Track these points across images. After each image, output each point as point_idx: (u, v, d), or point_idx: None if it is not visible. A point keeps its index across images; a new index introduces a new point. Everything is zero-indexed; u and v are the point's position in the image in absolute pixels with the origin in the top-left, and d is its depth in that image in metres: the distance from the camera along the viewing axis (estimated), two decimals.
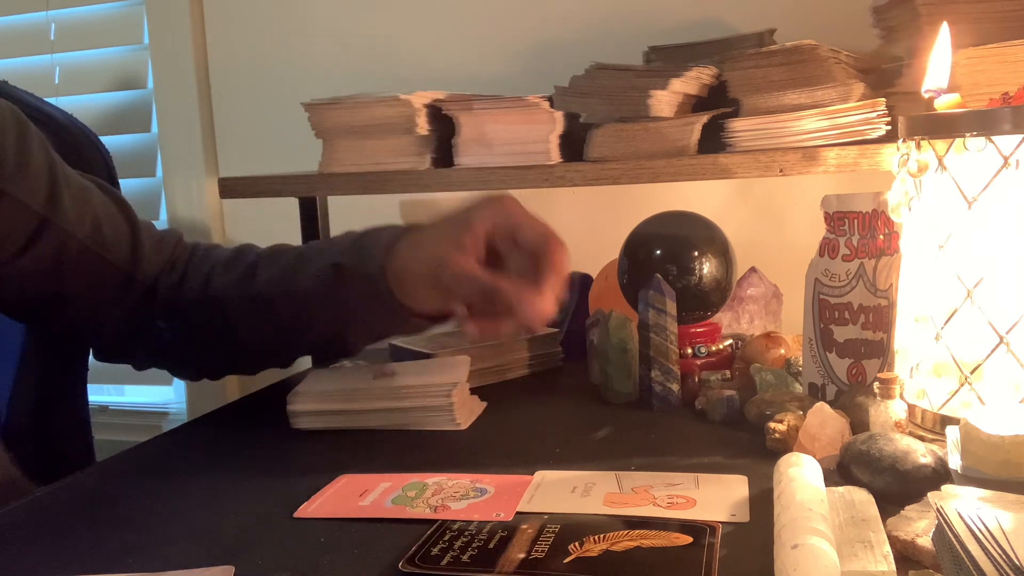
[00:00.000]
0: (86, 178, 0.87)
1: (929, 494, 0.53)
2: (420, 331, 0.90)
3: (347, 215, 1.31)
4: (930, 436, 0.68)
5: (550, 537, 0.57)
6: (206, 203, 1.49)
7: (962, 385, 0.68)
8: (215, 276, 0.87)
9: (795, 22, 1.12)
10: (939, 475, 0.59)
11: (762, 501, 0.61)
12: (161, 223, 1.54)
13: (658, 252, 0.93)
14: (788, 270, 1.02)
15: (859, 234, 0.80)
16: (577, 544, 0.55)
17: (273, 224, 1.17)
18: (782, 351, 0.93)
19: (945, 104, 0.69)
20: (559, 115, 1.00)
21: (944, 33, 0.71)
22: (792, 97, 0.91)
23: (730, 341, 0.98)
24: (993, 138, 0.64)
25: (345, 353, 0.92)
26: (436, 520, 0.60)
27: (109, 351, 0.92)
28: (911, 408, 0.72)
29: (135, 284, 0.86)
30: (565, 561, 0.53)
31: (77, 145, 1.08)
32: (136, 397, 1.60)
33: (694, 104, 0.98)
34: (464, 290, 0.77)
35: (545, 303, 0.74)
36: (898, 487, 0.60)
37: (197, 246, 0.92)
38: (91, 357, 1.00)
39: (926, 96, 0.70)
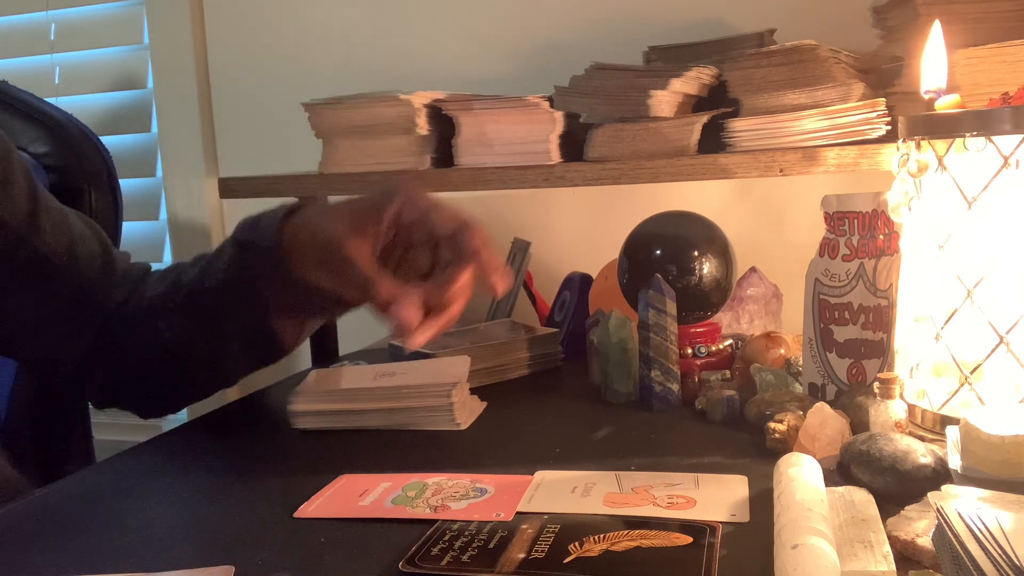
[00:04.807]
0: (64, 208, 0.87)
1: (929, 494, 0.52)
2: (335, 313, 0.88)
3: None
4: (930, 436, 0.68)
5: (550, 537, 0.57)
6: (206, 203, 1.49)
7: (962, 385, 0.68)
8: (148, 289, 0.86)
9: (795, 22, 1.12)
10: (939, 475, 0.59)
11: (762, 501, 0.61)
12: (161, 223, 1.54)
13: (658, 252, 0.93)
14: (788, 270, 1.02)
15: (859, 234, 0.80)
16: (577, 544, 0.55)
17: None
18: (782, 351, 0.93)
19: (945, 104, 0.69)
20: (559, 115, 1.01)
21: (936, 32, 0.71)
22: (792, 97, 0.91)
23: (730, 341, 0.98)
24: (993, 138, 0.64)
25: (280, 349, 0.86)
26: (436, 520, 0.60)
27: (68, 385, 0.91)
28: (911, 408, 0.72)
29: (102, 310, 0.85)
30: (565, 561, 0.53)
31: (76, 145, 1.08)
32: None
33: (694, 104, 0.98)
34: (350, 276, 0.74)
35: (411, 309, 0.71)
36: (898, 487, 0.60)
37: (154, 272, 0.91)
38: None
39: (926, 97, 0.70)
